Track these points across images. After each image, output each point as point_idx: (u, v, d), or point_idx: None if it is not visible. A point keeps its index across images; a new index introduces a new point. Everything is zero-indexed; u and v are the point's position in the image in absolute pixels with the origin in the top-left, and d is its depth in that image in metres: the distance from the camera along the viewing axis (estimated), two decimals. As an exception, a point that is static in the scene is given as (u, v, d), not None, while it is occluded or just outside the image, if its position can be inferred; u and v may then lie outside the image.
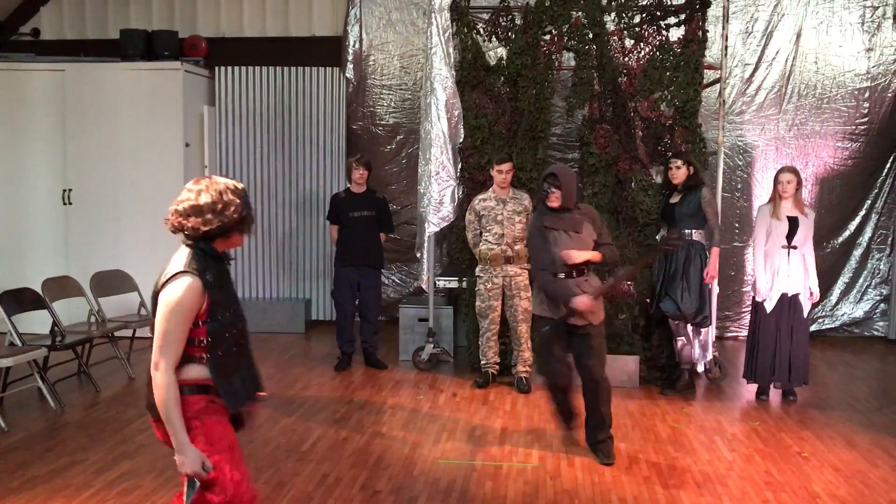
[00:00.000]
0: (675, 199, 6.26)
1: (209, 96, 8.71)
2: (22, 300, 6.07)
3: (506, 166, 6.34)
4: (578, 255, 4.69)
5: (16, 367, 5.60)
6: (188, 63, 8.28)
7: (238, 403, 2.83)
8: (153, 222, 8.04)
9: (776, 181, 6.06)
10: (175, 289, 2.70)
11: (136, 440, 5.10)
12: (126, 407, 5.85)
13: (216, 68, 8.68)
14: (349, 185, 7.00)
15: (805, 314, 6.08)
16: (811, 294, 6.07)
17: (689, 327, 6.22)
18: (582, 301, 4.61)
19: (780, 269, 6.00)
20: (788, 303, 6.03)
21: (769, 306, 6.06)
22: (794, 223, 5.98)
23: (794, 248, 5.99)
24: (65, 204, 8.14)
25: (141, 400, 5.93)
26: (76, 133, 8.08)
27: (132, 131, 8.03)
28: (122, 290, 7.05)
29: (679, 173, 6.19)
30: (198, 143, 8.47)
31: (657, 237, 6.57)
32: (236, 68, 8.67)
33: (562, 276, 4.72)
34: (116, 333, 6.66)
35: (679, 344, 6.31)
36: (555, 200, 4.70)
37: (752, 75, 8.39)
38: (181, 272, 2.74)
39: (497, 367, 6.55)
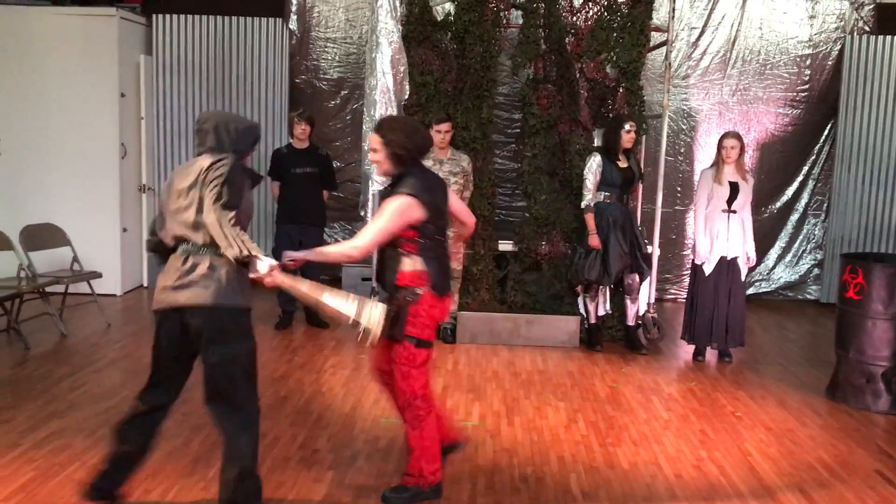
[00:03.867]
0: (623, 164, 6.28)
1: (146, 45, 8.38)
2: (-55, 253, 5.82)
3: (444, 126, 6.28)
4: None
5: (-61, 322, 5.40)
6: (123, 9, 7.94)
7: None
8: (87, 174, 7.81)
9: (720, 146, 6.12)
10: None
11: (67, 398, 4.96)
12: (57, 364, 5.68)
13: (153, 16, 8.33)
14: (291, 141, 6.85)
15: (743, 278, 6.19)
16: (748, 258, 6.19)
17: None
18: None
19: (720, 233, 6.09)
20: (727, 266, 6.13)
21: (708, 269, 6.15)
22: (734, 188, 6.06)
23: (734, 212, 6.08)
24: (-8, 154, 7.80)
25: (73, 357, 5.83)
26: (3, 80, 7.69)
27: (63, 80, 7.70)
28: (53, 244, 6.82)
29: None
30: (133, 94, 8.17)
31: (583, 205, 6.31)
32: (175, 16, 8.34)
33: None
34: (48, 289, 6.45)
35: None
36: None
37: (697, 39, 8.43)
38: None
39: None
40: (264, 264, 3.23)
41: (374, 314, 3.38)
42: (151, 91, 8.34)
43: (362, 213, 7.08)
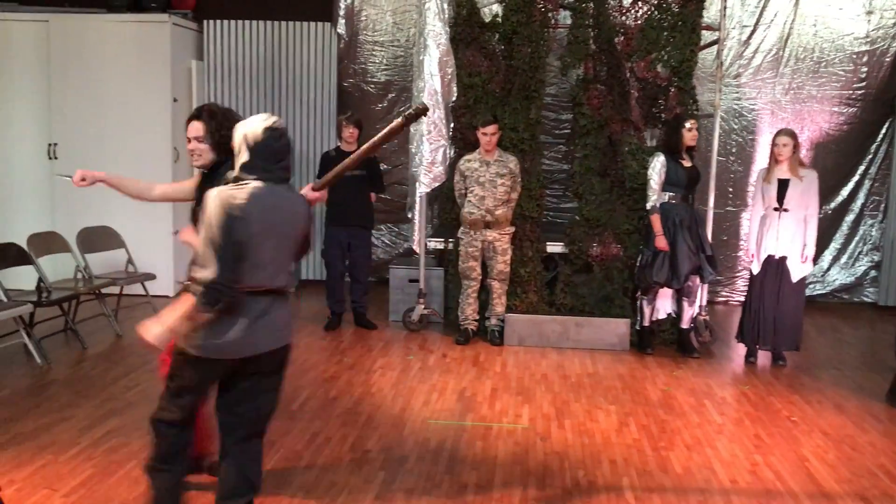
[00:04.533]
0: (688, 163, 6.20)
1: (197, 50, 8.53)
2: (7, 256, 5.97)
3: (490, 128, 6.26)
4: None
5: (1, 323, 5.55)
6: (176, 16, 8.08)
7: None
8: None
9: (773, 143, 6.03)
10: None
11: (123, 397, 5.06)
12: (113, 364, 5.80)
13: (204, 21, 8.49)
14: (339, 144, 6.90)
15: (795, 278, 6.04)
16: (804, 257, 6.03)
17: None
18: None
19: (769, 232, 6.02)
20: (776, 265, 6.03)
21: (755, 268, 6.14)
22: (783, 185, 5.95)
23: (786, 210, 5.95)
24: (50, 158, 7.99)
25: (128, 357, 5.94)
26: (61, 86, 7.90)
27: (118, 85, 7.87)
28: (109, 246, 6.97)
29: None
30: (185, 98, 8.31)
31: (648, 206, 6.21)
32: (225, 22, 8.48)
33: None
34: (103, 290, 6.59)
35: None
36: None
37: (749, 37, 8.28)
38: None
39: (476, 324, 6.63)
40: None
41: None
42: (203, 95, 8.48)
43: (409, 216, 7.10)
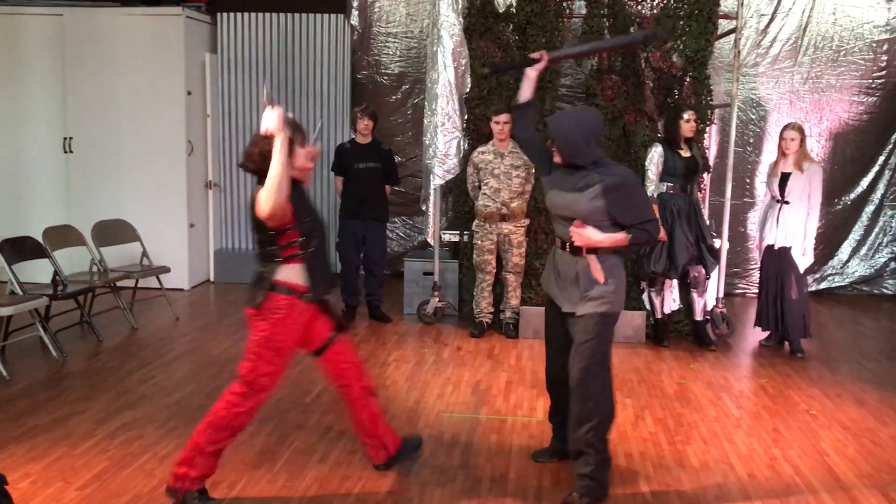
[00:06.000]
0: (686, 153, 6.13)
1: (211, 43, 8.52)
2: (23, 249, 5.99)
3: (503, 117, 6.21)
4: (585, 235, 3.55)
5: (17, 316, 5.55)
6: (189, 9, 8.07)
7: (320, 293, 3.50)
8: (155, 171, 7.98)
9: (780, 137, 6.13)
10: None
11: (138, 390, 5.06)
12: (128, 357, 5.81)
13: (218, 14, 8.47)
14: (354, 136, 6.87)
15: (801, 270, 6.10)
16: (803, 250, 6.08)
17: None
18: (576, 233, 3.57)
19: (768, 222, 6.18)
20: (777, 256, 6.13)
21: (758, 257, 6.42)
22: (786, 178, 6.03)
23: (787, 203, 6.03)
24: (65, 152, 8.02)
25: (143, 350, 5.95)
26: (76, 80, 7.92)
27: (133, 78, 7.87)
28: (124, 239, 6.98)
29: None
30: (199, 92, 8.31)
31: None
32: (238, 15, 8.46)
33: (559, 245, 3.76)
34: (119, 283, 6.60)
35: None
36: (556, 156, 3.67)
37: (767, 26, 8.18)
38: None
39: (490, 317, 6.59)
40: None
41: None
42: (217, 89, 8.47)
43: (423, 208, 7.07)
